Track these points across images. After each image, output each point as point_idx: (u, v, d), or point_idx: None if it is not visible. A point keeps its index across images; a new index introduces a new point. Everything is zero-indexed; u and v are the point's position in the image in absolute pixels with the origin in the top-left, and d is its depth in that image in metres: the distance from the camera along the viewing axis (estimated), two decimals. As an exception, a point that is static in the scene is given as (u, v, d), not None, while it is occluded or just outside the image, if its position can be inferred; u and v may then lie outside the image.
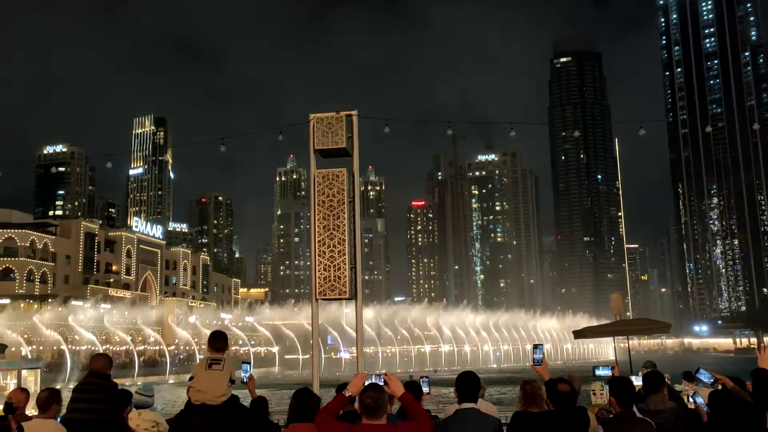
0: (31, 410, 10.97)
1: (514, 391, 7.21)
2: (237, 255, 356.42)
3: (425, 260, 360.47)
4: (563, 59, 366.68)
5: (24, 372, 11.64)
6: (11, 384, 10.61)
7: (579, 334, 14.08)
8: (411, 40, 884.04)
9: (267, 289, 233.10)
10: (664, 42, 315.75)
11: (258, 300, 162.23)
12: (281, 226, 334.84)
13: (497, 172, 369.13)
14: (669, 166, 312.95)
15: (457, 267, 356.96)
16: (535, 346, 6.27)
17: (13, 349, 50.89)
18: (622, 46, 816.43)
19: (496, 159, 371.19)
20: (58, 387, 7.62)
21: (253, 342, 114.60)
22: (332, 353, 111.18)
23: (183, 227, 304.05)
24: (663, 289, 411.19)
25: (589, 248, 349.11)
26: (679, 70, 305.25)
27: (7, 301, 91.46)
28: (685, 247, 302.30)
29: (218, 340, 5.92)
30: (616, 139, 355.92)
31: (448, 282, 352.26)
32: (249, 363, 6.76)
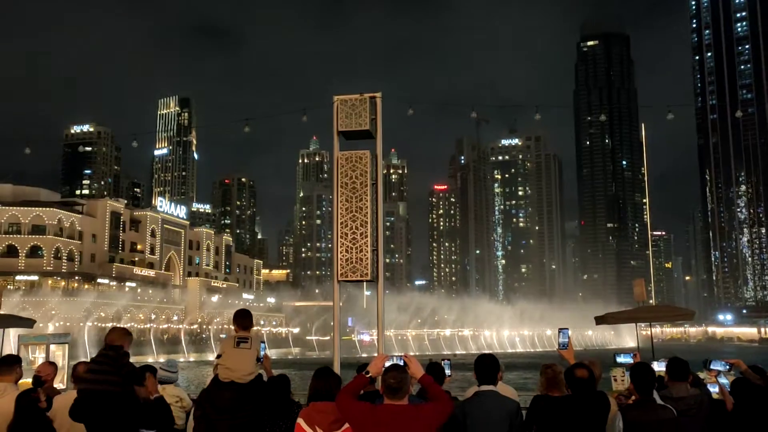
0: (59, 383, 11.24)
1: (537, 377, 7.21)
2: (259, 236, 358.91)
3: (446, 244, 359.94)
4: (590, 42, 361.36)
5: (52, 347, 11.86)
6: (40, 358, 10.82)
7: (601, 319, 13.99)
8: (434, 22, 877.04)
9: (289, 271, 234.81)
10: (694, 25, 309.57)
11: (279, 281, 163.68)
12: (303, 208, 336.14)
13: (520, 156, 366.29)
14: (696, 152, 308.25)
15: (478, 252, 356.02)
16: (561, 330, 6.23)
17: (41, 324, 51.95)
18: (650, 29, 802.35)
19: (519, 143, 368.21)
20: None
21: (274, 322, 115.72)
22: (352, 335, 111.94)
23: (206, 208, 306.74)
24: (687, 277, 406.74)
25: (612, 234, 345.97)
26: (709, 54, 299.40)
27: (35, 277, 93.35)
28: (711, 234, 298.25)
29: (244, 318, 5.97)
30: (643, 124, 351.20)
31: (469, 267, 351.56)
32: (264, 342, 6.83)
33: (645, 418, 5.64)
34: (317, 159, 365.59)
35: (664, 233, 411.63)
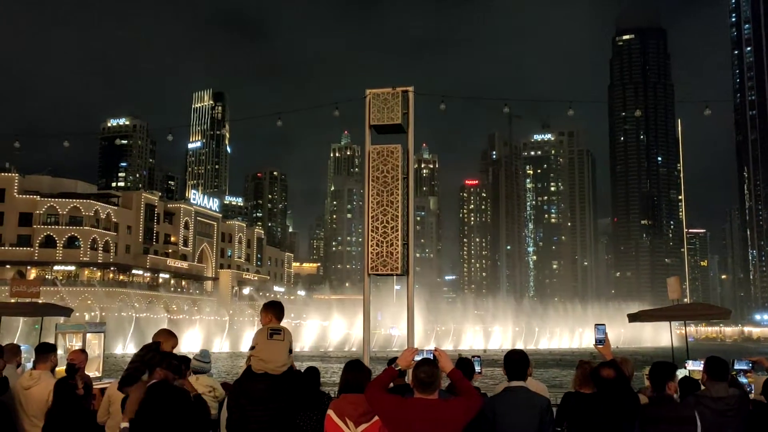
0: (94, 372, 11.49)
1: (570, 375, 7.18)
2: (290, 230, 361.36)
3: (477, 240, 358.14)
4: (626, 36, 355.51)
5: (89, 335, 12.12)
6: (76, 347, 11.08)
7: (634, 317, 13.81)
8: (466, 16, 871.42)
9: (319, 264, 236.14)
10: (733, 19, 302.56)
11: (310, 274, 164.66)
12: (334, 202, 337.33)
13: (553, 152, 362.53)
14: (734, 148, 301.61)
15: (509, 247, 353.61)
16: (597, 326, 6.16)
17: (77, 314, 53.07)
18: (688, 23, 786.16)
19: (552, 139, 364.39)
20: (117, 352, 7.93)
21: (304, 315, 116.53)
22: (381, 329, 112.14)
23: (238, 201, 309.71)
24: (723, 276, 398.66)
25: (646, 232, 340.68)
26: (749, 48, 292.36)
27: (72, 267, 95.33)
28: (748, 233, 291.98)
29: (276, 309, 6.00)
30: (679, 120, 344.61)
31: (499, 262, 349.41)
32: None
33: (664, 414, 5.61)
34: (348, 153, 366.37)
35: (700, 231, 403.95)
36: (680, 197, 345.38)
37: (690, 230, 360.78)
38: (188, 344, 77.59)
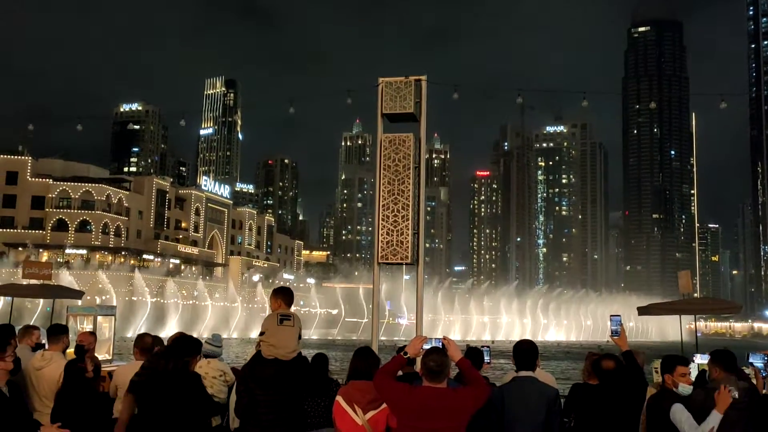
0: (104, 354, 11.58)
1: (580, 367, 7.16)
2: (300, 218, 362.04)
3: (487, 231, 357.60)
4: (641, 29, 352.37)
5: (99, 318, 12.20)
6: (87, 329, 11.18)
7: (644, 310, 13.76)
8: (480, 6, 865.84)
9: (329, 252, 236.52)
10: (751, 12, 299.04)
11: (320, 263, 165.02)
12: (345, 191, 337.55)
13: (565, 144, 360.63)
14: (749, 143, 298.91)
15: (519, 239, 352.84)
16: (612, 317, 6.15)
17: (88, 297, 53.54)
18: (704, 16, 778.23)
19: (564, 131, 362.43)
20: (128, 335, 8.01)
21: (314, 303, 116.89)
22: (391, 319, 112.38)
23: (249, 188, 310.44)
24: (734, 271, 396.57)
25: (657, 226, 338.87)
26: (765, 42, 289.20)
27: (84, 251, 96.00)
28: (761, 228, 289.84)
29: (286, 295, 6.01)
30: (693, 114, 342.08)
31: (509, 254, 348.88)
32: None
33: (663, 405, 5.69)
34: (360, 142, 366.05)
35: (711, 226, 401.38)
36: (693, 191, 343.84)
37: (702, 225, 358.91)
38: (198, 329, 78.19)
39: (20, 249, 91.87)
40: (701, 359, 8.85)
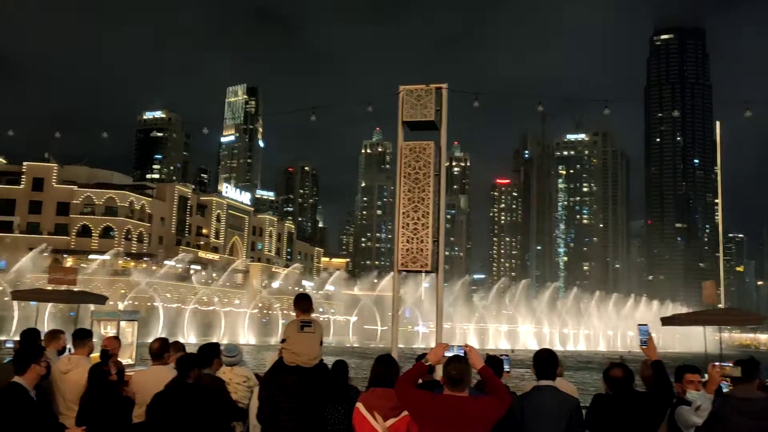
0: (127, 359, 11.72)
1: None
2: (320, 225, 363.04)
3: (507, 239, 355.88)
4: (664, 36, 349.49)
5: (123, 323, 12.37)
6: (111, 334, 11.32)
7: (667, 320, 13.63)
8: (499, 13, 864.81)
9: (348, 260, 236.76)
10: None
11: (339, 269, 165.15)
12: (364, 198, 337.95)
13: (586, 152, 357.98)
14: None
15: (539, 247, 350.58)
16: (640, 326, 6.11)
17: (111, 303, 54.10)
18: (727, 23, 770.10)
19: (586, 139, 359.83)
20: (148, 341, 8.11)
21: (333, 311, 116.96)
22: (409, 326, 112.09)
23: (270, 195, 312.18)
24: (760, 282, 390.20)
25: (681, 235, 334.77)
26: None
27: (107, 257, 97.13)
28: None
29: (305, 302, 6.05)
30: (718, 122, 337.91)
31: (529, 262, 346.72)
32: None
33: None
34: (380, 150, 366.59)
35: (736, 235, 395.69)
36: (717, 201, 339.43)
37: (726, 234, 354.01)
38: (217, 336, 78.62)
39: (45, 254, 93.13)
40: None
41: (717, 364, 6.00)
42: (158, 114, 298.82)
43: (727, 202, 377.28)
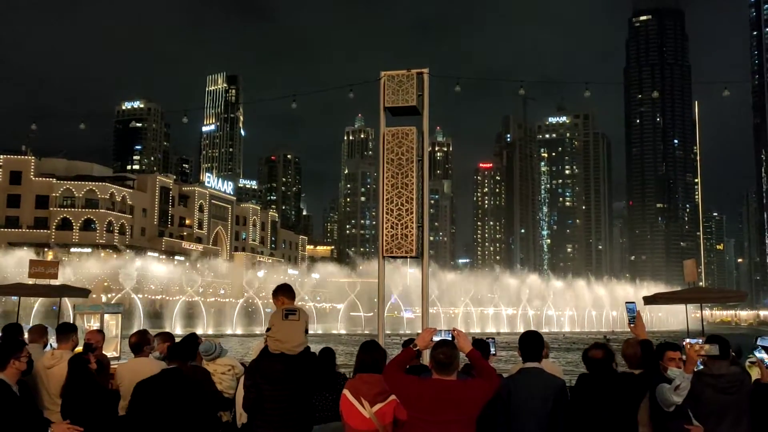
0: (112, 352, 11.63)
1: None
2: (304, 213, 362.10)
3: (491, 223, 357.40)
4: (643, 17, 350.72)
5: (106, 316, 12.26)
6: (94, 327, 11.23)
7: (650, 299, 13.76)
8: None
9: (333, 247, 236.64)
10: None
11: (324, 257, 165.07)
12: (348, 185, 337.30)
13: (568, 135, 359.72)
14: (752, 131, 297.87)
15: (523, 231, 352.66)
16: (627, 304, 6.09)
17: (94, 296, 53.72)
18: (706, 4, 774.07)
19: (567, 121, 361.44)
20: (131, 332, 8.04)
21: (318, 298, 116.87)
22: (395, 312, 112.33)
23: (252, 184, 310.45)
24: (739, 260, 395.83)
25: (661, 215, 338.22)
26: (767, 30, 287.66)
27: (88, 249, 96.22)
28: (765, 216, 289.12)
29: (287, 291, 6.07)
30: (696, 102, 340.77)
31: (513, 246, 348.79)
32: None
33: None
34: (362, 136, 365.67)
35: (716, 214, 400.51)
36: (696, 180, 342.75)
37: (706, 213, 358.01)
38: (203, 326, 78.41)
39: (25, 248, 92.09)
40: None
41: (691, 341, 6.05)
42: (137, 104, 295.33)
43: (707, 181, 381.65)
